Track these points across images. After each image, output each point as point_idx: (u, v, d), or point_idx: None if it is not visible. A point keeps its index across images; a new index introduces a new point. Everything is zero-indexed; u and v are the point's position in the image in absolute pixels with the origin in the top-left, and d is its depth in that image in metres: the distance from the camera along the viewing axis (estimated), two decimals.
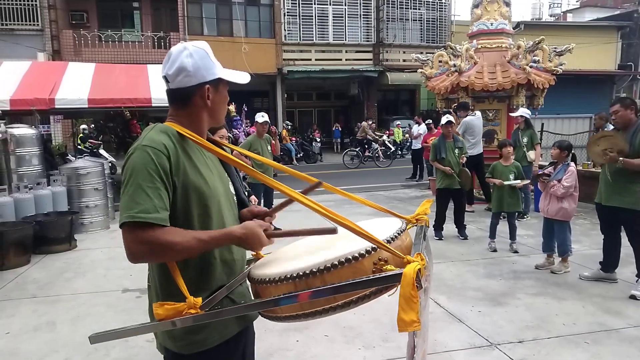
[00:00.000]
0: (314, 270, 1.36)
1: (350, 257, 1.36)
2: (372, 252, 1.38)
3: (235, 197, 1.67)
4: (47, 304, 4.43)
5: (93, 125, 15.29)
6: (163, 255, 1.37)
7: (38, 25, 16.63)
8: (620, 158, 4.12)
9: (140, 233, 1.31)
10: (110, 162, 10.99)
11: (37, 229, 5.96)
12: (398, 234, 1.50)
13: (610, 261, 4.60)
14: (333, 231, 1.46)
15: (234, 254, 1.57)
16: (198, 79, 1.48)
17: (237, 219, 1.63)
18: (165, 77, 1.51)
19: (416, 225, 1.74)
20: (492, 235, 5.86)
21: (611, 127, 6.44)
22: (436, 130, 10.16)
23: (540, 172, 5.17)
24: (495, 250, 5.74)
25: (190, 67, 1.46)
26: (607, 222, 4.55)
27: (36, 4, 16.54)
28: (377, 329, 3.68)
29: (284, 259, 1.59)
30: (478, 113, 8.24)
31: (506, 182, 5.69)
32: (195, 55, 1.48)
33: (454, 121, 6.54)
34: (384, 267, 1.37)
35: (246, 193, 3.21)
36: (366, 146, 17.31)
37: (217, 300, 1.47)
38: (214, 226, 1.48)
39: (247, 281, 1.61)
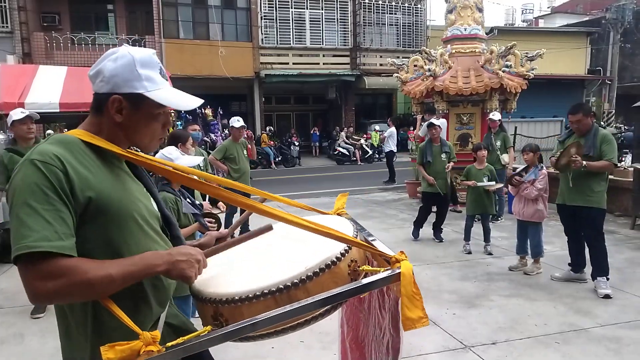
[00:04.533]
0: (296, 281, 1.25)
1: (330, 262, 1.30)
2: (346, 254, 1.35)
3: (160, 216, 1.46)
4: (15, 315, 4.29)
5: (66, 130, 14.96)
6: (73, 295, 1.14)
7: (7, 27, 16.23)
8: (584, 162, 4.26)
9: (43, 267, 1.07)
10: None
11: (5, 237, 5.79)
12: (356, 232, 1.48)
13: (578, 261, 4.73)
14: (269, 228, 1.42)
15: (162, 280, 1.36)
16: (110, 87, 1.27)
17: (166, 240, 1.43)
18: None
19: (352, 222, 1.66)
20: (467, 237, 5.94)
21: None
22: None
23: (512, 175, 5.27)
24: (470, 253, 5.82)
25: (107, 72, 1.27)
26: (570, 222, 4.69)
27: (5, 6, 16.14)
28: None
29: (234, 272, 1.45)
30: (443, 120, 8.34)
31: (479, 184, 5.79)
32: (119, 61, 1.27)
33: (436, 123, 6.61)
34: (360, 269, 1.37)
35: (197, 203, 3.16)
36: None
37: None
38: (140, 250, 1.26)
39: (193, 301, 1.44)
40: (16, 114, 4.28)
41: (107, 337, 1.19)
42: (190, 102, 1.38)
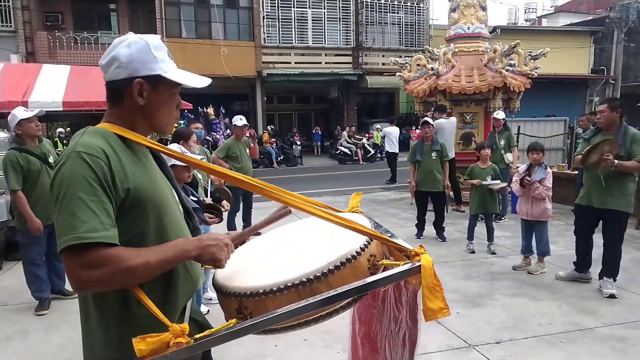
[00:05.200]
0: (318, 274, 1.28)
1: (350, 256, 1.33)
2: (365, 248, 1.37)
3: (181, 207, 1.51)
4: (19, 312, 4.31)
5: (69, 129, 14.97)
6: (116, 282, 1.18)
7: (11, 26, 16.25)
8: (615, 161, 4.10)
9: (87, 257, 1.11)
10: None
11: (9, 235, 5.80)
12: (374, 228, 1.50)
13: (585, 262, 4.68)
14: (288, 212, 1.47)
15: (190, 271, 1.41)
16: (129, 72, 1.29)
17: (189, 230, 1.48)
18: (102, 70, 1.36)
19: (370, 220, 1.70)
20: (470, 237, 5.93)
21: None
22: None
23: (523, 177, 5.02)
24: (473, 252, 5.80)
25: (124, 58, 1.29)
26: (587, 224, 4.55)
27: (9, 5, 16.17)
28: None
29: (257, 266, 1.48)
30: (453, 119, 8.34)
31: (484, 182, 5.77)
32: (133, 46, 1.30)
33: (431, 122, 6.59)
34: (379, 263, 1.40)
35: (201, 200, 3.15)
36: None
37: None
38: (172, 239, 1.31)
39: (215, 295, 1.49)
40: (21, 113, 4.25)
41: (134, 327, 1.23)
42: (200, 81, 1.41)
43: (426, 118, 6.60)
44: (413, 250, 1.36)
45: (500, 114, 7.89)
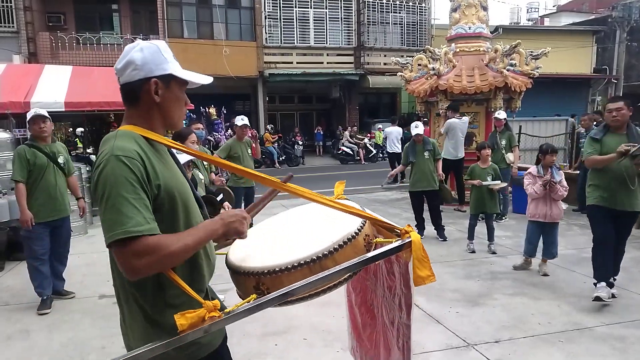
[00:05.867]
0: (325, 252, 1.48)
1: (350, 236, 1.54)
2: (362, 228, 1.59)
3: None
4: (21, 311, 4.34)
5: (71, 130, 14.99)
6: (163, 265, 1.34)
7: (13, 27, 16.30)
8: None
9: (137, 247, 1.26)
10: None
11: (11, 235, 5.83)
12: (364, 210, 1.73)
13: (612, 271, 4.31)
14: (277, 192, 1.79)
15: (209, 254, 1.58)
16: (145, 73, 1.44)
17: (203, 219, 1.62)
18: (116, 74, 1.49)
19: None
20: (471, 236, 5.94)
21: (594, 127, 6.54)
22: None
23: (548, 180, 4.82)
24: (473, 252, 5.81)
25: (139, 61, 1.44)
26: (609, 228, 4.19)
27: (11, 6, 16.22)
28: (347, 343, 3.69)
29: (266, 248, 1.67)
30: (465, 118, 8.34)
31: (485, 183, 5.77)
32: (146, 50, 1.46)
33: (422, 132, 6.59)
34: (373, 241, 1.62)
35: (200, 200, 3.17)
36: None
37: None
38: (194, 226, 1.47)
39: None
40: (30, 113, 4.49)
41: (169, 307, 1.41)
42: (204, 79, 1.58)
43: (418, 125, 6.59)
44: (403, 229, 1.56)
45: (501, 114, 7.90)
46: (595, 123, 8.14)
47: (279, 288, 1.42)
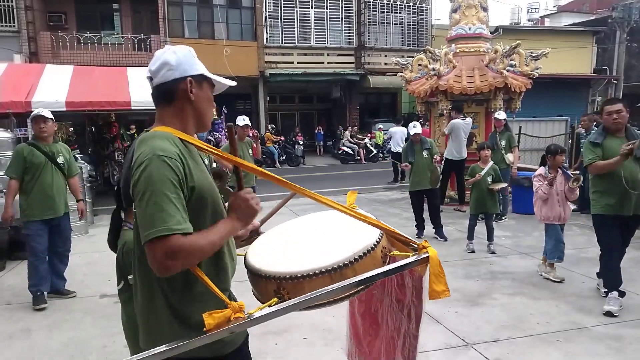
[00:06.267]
0: (346, 262, 1.52)
1: (370, 248, 1.57)
2: (380, 240, 1.63)
3: None
4: (22, 310, 4.36)
5: (72, 129, 14.98)
6: (192, 262, 1.39)
7: (14, 26, 16.30)
8: None
9: (172, 244, 1.30)
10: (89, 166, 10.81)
11: (12, 234, 5.85)
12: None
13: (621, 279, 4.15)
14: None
15: (233, 255, 1.63)
16: (180, 73, 1.51)
17: None
18: (149, 77, 1.54)
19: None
20: (470, 236, 5.96)
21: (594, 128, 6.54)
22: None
23: (574, 185, 4.68)
24: (473, 252, 5.83)
25: (173, 62, 1.51)
26: (618, 235, 4.12)
27: (12, 5, 16.22)
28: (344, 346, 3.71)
29: (286, 253, 1.69)
30: (469, 119, 8.35)
31: (483, 172, 5.82)
32: (179, 52, 1.53)
33: (420, 131, 6.68)
34: (390, 254, 1.66)
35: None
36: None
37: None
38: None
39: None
40: (33, 113, 4.54)
41: (196, 303, 1.45)
42: (229, 82, 1.67)
43: (416, 126, 6.66)
44: (420, 244, 1.63)
45: (501, 115, 7.92)
46: (595, 124, 8.15)
47: (300, 293, 1.46)
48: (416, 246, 1.64)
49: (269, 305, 1.44)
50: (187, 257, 1.34)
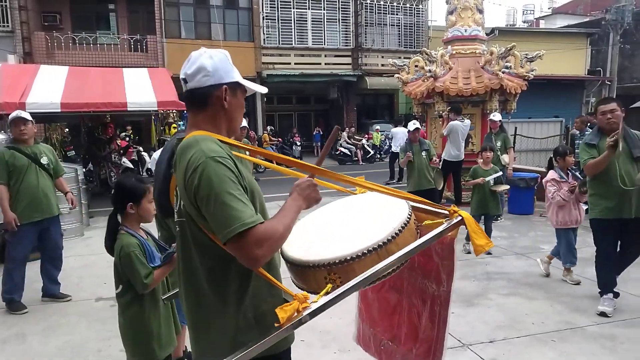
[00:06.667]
0: (389, 238, 1.58)
1: (406, 221, 1.65)
2: (411, 214, 1.72)
3: None
4: (16, 315, 4.32)
5: (67, 130, 14.92)
6: (277, 248, 1.44)
7: (8, 26, 16.21)
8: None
9: (255, 236, 1.32)
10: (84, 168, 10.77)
11: (5, 237, 5.80)
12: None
13: (616, 282, 4.11)
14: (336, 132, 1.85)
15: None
16: (216, 79, 1.51)
17: None
18: (184, 79, 1.53)
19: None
20: (468, 237, 5.94)
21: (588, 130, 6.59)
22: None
23: (583, 190, 4.51)
24: (469, 252, 5.83)
25: (210, 67, 1.50)
26: (617, 239, 4.06)
27: (6, 5, 16.13)
28: (352, 333, 3.71)
29: (327, 239, 1.72)
30: (467, 121, 8.37)
31: (488, 177, 5.85)
32: (215, 57, 1.52)
33: (420, 128, 6.72)
34: (423, 224, 1.76)
35: None
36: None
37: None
38: (268, 219, 1.52)
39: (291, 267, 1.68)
40: (11, 115, 4.43)
41: (256, 298, 1.48)
42: (261, 88, 1.68)
43: (416, 124, 6.68)
44: (450, 210, 1.72)
45: (496, 116, 7.95)
46: (588, 125, 8.19)
47: (351, 276, 1.51)
48: (447, 212, 1.72)
49: (327, 292, 1.49)
50: (272, 243, 1.36)
